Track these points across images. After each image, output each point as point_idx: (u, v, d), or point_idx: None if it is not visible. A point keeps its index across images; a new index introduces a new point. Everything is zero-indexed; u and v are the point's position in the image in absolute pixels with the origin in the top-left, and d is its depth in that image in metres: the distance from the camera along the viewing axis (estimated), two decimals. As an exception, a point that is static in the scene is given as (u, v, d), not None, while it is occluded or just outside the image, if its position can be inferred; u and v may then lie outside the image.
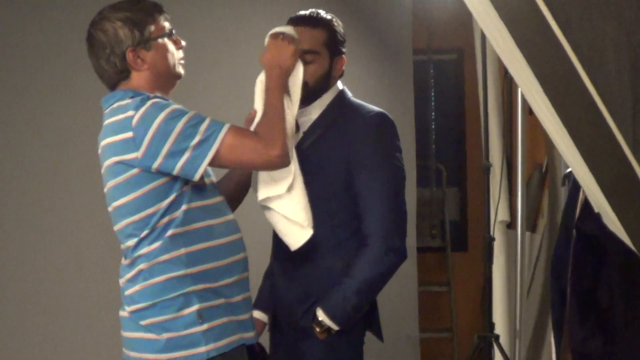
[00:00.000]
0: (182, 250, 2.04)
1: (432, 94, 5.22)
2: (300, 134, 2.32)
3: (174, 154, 1.99)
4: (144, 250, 2.06)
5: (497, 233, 3.71)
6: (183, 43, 2.16)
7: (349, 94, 2.38)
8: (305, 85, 2.21)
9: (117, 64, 2.08)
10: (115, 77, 2.10)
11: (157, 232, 2.04)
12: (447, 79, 5.28)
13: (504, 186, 3.78)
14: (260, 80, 2.19)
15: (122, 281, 2.13)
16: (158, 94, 2.10)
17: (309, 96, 2.25)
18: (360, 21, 3.91)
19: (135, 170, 2.02)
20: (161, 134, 1.98)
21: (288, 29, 2.21)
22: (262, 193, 2.18)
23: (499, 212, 3.72)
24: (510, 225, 3.89)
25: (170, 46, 2.13)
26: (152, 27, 2.10)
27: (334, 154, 2.28)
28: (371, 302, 2.34)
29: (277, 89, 2.11)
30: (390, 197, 2.25)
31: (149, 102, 2.02)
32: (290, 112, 2.11)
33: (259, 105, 2.17)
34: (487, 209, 3.51)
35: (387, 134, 2.30)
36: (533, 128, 4.10)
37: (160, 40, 2.10)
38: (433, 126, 5.22)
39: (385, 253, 2.23)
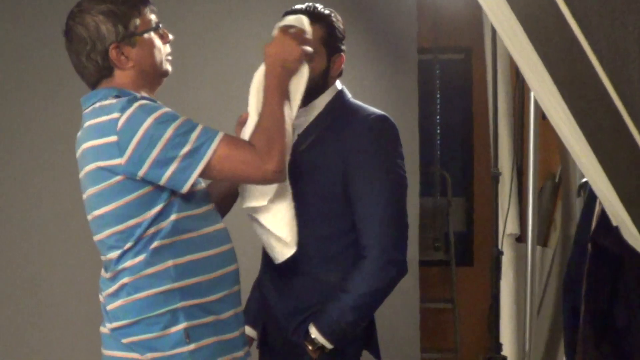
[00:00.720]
0: (170, 263, 2.01)
1: (438, 95, 5.22)
2: (295, 137, 2.30)
3: (161, 162, 1.95)
4: (127, 263, 2.03)
5: (506, 247, 3.70)
6: (170, 37, 2.13)
7: (348, 94, 2.38)
8: None
9: (99, 61, 2.05)
10: (97, 75, 2.07)
11: (142, 244, 2.01)
12: (454, 80, 5.28)
13: (513, 196, 3.77)
14: (259, 74, 2.15)
15: (102, 295, 2.12)
16: (144, 94, 2.07)
17: (305, 97, 2.23)
18: (361, 17, 3.91)
19: (118, 177, 1.98)
20: (148, 140, 1.94)
21: (301, 22, 2.19)
22: (246, 202, 2.17)
23: (508, 224, 3.71)
24: (520, 238, 3.88)
25: (157, 41, 2.09)
26: (138, 21, 2.06)
27: (331, 159, 2.27)
28: (369, 319, 2.34)
29: (277, 90, 2.07)
30: (391, 206, 2.25)
31: (136, 104, 1.98)
32: (289, 120, 2.07)
33: (253, 104, 2.14)
34: (495, 221, 3.49)
35: (388, 138, 2.29)
36: (546, 134, 4.09)
37: (146, 35, 2.07)
38: (438, 130, 5.22)
39: (385, 266, 2.22)
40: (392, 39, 3.98)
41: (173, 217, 2.01)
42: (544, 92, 1.78)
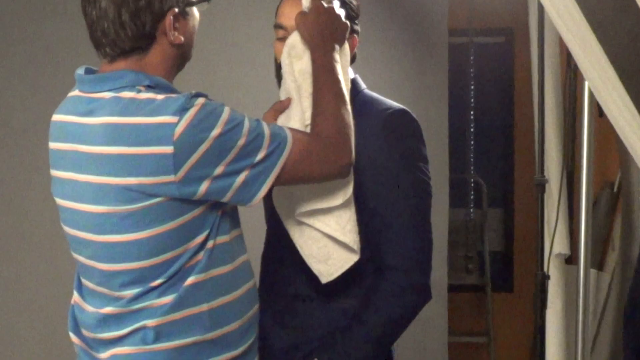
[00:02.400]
0: (205, 307, 1.92)
1: (472, 86, 5.21)
2: None
3: (229, 175, 1.86)
4: (150, 302, 1.90)
5: (553, 269, 3.68)
6: None
7: (362, 85, 2.37)
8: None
9: (147, 25, 1.88)
10: (130, 44, 1.89)
11: (174, 280, 1.90)
12: (492, 68, 5.29)
13: (562, 209, 3.76)
14: (291, 48, 2.16)
15: (91, 335, 1.99)
16: (172, 86, 1.95)
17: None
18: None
19: (159, 199, 1.83)
20: (217, 151, 1.83)
21: None
22: (306, 204, 2.16)
23: (555, 243, 3.69)
24: (571, 259, 3.87)
25: (198, 18, 2.02)
26: None
27: None
28: (385, 355, 2.32)
29: (335, 70, 2.06)
30: (413, 219, 2.24)
31: (198, 104, 1.84)
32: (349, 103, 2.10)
33: (292, 85, 2.15)
34: (540, 238, 3.47)
35: (409, 137, 2.28)
36: (603, 134, 4.08)
37: (196, 8, 2.00)
38: (472, 128, 5.22)
39: (405, 291, 2.23)
40: (416, 18, 3.99)
41: (210, 244, 1.92)
42: (603, 83, 1.75)
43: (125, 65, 1.92)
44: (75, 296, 2.05)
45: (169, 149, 1.80)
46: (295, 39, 2.17)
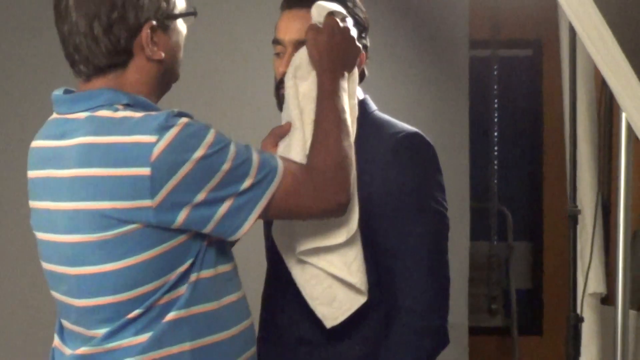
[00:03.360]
0: (187, 346, 1.90)
1: (496, 105, 5.21)
2: None
3: (210, 203, 1.86)
4: (126, 340, 1.88)
5: (587, 310, 3.67)
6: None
7: (373, 106, 2.37)
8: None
9: (122, 40, 1.89)
10: (105, 61, 1.90)
11: (152, 315, 1.88)
12: (517, 84, 5.30)
13: (597, 243, 3.74)
14: (297, 69, 2.17)
15: None
16: (154, 105, 1.94)
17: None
18: (395, 2, 3.96)
19: (134, 226, 1.83)
20: (199, 175, 1.83)
21: (334, 5, 2.21)
22: (308, 242, 2.17)
23: (590, 280, 3.68)
24: (607, 299, 3.84)
25: (184, 31, 2.02)
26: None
27: None
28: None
29: (341, 96, 2.08)
30: (427, 255, 2.23)
31: (180, 123, 1.83)
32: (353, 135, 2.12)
33: (296, 110, 2.15)
34: (573, 275, 3.46)
35: (423, 163, 2.27)
36: (642, 160, 4.07)
37: (179, 21, 1.98)
38: (495, 152, 5.21)
39: (419, 336, 2.23)
40: (433, 29, 4.01)
41: (193, 277, 1.91)
42: (635, 109, 1.75)
43: (103, 84, 1.92)
44: (56, 340, 2.06)
45: (145, 171, 1.80)
46: (301, 58, 2.18)
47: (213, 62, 3.93)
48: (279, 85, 2.27)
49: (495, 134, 5.21)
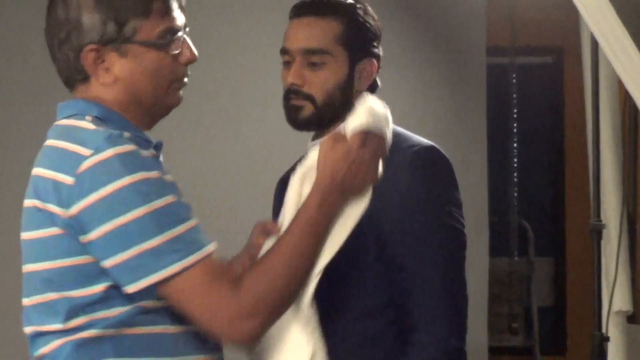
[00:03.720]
0: None
1: (515, 114, 5.19)
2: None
3: (116, 240, 1.87)
4: (44, 349, 1.94)
5: (613, 329, 3.66)
6: (193, 55, 2.04)
7: (385, 119, 2.39)
8: (311, 100, 2.25)
9: (71, 58, 1.99)
10: (67, 73, 2.01)
11: (72, 329, 1.91)
12: (537, 93, 5.30)
13: (623, 258, 3.73)
14: (309, 169, 2.08)
15: None
16: (135, 124, 1.98)
17: (318, 119, 2.27)
18: (408, 7, 3.97)
19: (56, 230, 1.91)
20: (112, 204, 1.86)
21: (385, 119, 2.09)
22: None
23: (615, 298, 3.67)
24: (634, 318, 3.83)
25: (163, 59, 2.00)
26: (141, 23, 1.97)
27: None
28: None
29: (320, 223, 1.99)
30: (442, 273, 2.24)
31: (115, 150, 1.87)
32: (316, 268, 2.01)
33: (289, 214, 2.06)
34: (598, 292, 3.45)
35: (440, 179, 2.27)
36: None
37: (145, 47, 1.99)
38: (515, 164, 5.20)
39: (437, 357, 2.21)
40: (448, 35, 4.02)
41: (127, 307, 1.91)
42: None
43: (80, 95, 2.01)
44: None
45: (70, 180, 1.88)
46: (314, 159, 2.10)
47: (224, 65, 3.95)
48: (288, 95, 2.28)
49: (515, 144, 5.19)
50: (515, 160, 5.21)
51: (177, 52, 2.01)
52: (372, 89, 2.35)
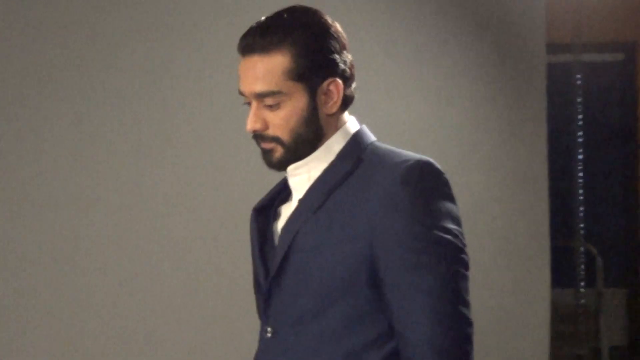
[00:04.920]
0: None
1: (580, 120, 5.13)
2: (294, 203, 2.40)
3: None
4: None
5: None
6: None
7: (371, 136, 2.43)
8: (278, 142, 2.36)
9: None
10: None
11: None
12: (606, 94, 5.27)
13: None
14: None
15: None
16: None
17: (292, 158, 2.38)
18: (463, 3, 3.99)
19: None
20: None
21: None
22: None
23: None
24: None
25: None
26: None
27: (349, 231, 2.33)
28: None
29: None
30: (440, 297, 2.27)
31: None
32: None
33: None
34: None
35: (430, 192, 2.32)
36: None
37: None
38: (581, 179, 5.13)
39: None
40: (504, 30, 4.03)
41: None
42: None
43: None
44: None
45: None
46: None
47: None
48: (256, 139, 2.38)
49: (580, 156, 5.13)
50: (581, 175, 5.15)
51: None
52: (346, 105, 2.41)
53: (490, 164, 4.04)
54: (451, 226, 2.32)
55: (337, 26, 2.44)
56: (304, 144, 2.41)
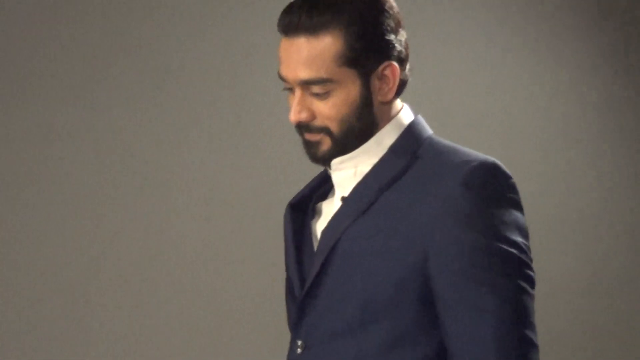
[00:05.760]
0: None
1: None
2: (337, 201, 2.29)
3: None
4: None
5: None
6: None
7: (428, 130, 2.33)
8: (327, 133, 2.23)
9: None
10: None
11: None
12: None
13: None
14: None
15: None
16: None
17: (340, 151, 2.25)
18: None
19: None
20: None
21: None
22: None
23: None
24: None
25: None
26: None
27: (401, 238, 2.19)
28: None
29: None
30: (503, 319, 2.16)
31: None
32: None
33: None
34: None
35: (496, 199, 2.19)
36: None
37: None
38: None
39: None
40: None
41: None
42: None
43: None
44: None
45: None
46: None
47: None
48: (299, 130, 2.26)
49: None
50: None
51: None
52: (400, 90, 2.29)
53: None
54: (517, 238, 2.20)
55: (392, 0, 2.27)
56: (354, 135, 2.25)
